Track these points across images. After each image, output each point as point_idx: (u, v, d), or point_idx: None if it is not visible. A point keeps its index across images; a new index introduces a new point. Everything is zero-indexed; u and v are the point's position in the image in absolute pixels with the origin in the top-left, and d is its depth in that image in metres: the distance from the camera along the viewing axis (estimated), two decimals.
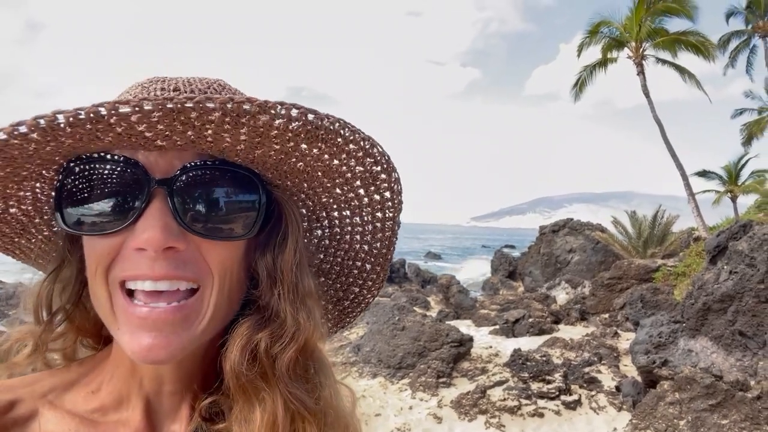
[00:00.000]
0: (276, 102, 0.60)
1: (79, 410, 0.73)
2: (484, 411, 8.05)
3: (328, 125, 0.64)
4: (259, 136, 0.63)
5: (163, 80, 0.74)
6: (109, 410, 0.74)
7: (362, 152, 0.70)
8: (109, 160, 0.66)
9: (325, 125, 0.64)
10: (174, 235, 0.65)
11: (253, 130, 0.61)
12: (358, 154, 0.70)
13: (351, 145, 0.68)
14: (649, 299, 11.23)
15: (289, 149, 0.66)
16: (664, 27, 22.15)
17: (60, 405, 0.73)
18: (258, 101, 0.59)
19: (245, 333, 0.72)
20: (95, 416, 0.73)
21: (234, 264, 0.73)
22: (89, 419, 0.73)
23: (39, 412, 0.71)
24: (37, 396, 0.72)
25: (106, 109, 0.55)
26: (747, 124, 34.67)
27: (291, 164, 0.70)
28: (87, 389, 0.76)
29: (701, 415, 6.74)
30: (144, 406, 0.75)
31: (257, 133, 0.62)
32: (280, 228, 0.77)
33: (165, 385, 0.76)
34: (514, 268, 26.20)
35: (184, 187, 0.67)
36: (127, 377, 0.75)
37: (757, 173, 28.34)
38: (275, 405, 0.71)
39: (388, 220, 0.82)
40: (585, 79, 23.92)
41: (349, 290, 0.94)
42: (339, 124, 0.65)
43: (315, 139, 0.65)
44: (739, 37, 32.25)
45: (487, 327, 13.69)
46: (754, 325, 6.76)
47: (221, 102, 0.57)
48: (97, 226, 0.67)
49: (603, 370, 9.57)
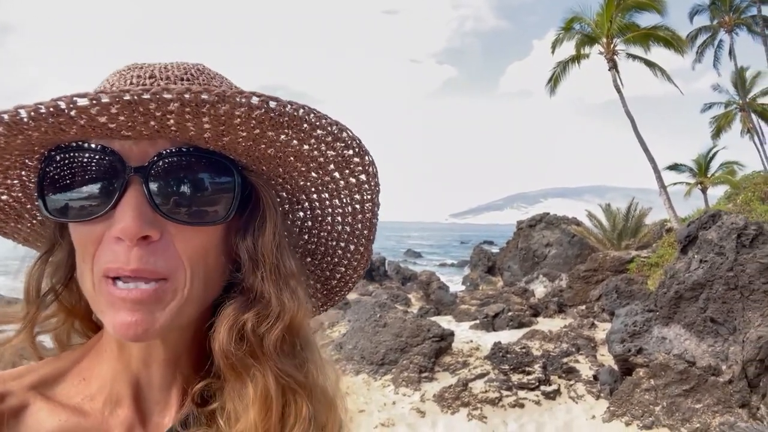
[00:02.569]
0: (235, 91, 0.61)
1: (70, 400, 0.74)
2: (466, 403, 8.15)
3: (292, 111, 0.65)
4: (222, 125, 0.63)
5: (140, 67, 0.75)
6: (98, 397, 0.75)
7: (331, 137, 0.70)
8: (87, 149, 0.67)
9: (288, 112, 0.65)
10: (148, 223, 0.66)
11: (215, 119, 0.62)
12: (327, 139, 0.70)
13: (318, 130, 0.69)
14: (623, 290, 11.48)
15: (256, 136, 0.67)
16: (635, 22, 22.50)
17: (51, 396, 0.73)
18: (216, 90, 0.59)
19: (231, 314, 0.74)
20: (86, 405, 0.74)
21: (210, 250, 0.73)
22: (80, 409, 0.73)
23: (29, 404, 0.71)
24: (26, 387, 0.72)
25: (64, 102, 0.57)
26: (715, 117, 35.56)
27: (261, 150, 0.70)
28: (78, 377, 0.77)
29: (676, 400, 6.94)
30: (132, 391, 0.76)
31: (220, 121, 0.63)
32: (259, 212, 0.77)
33: (153, 368, 0.77)
34: (493, 264, 26.45)
35: (158, 175, 0.67)
36: (114, 360, 0.76)
37: (726, 165, 29.06)
38: (266, 379, 0.73)
39: (367, 202, 0.83)
40: (559, 75, 24.13)
41: (336, 270, 0.95)
42: (303, 111, 0.66)
43: (280, 126, 0.66)
44: (706, 32, 32.99)
45: (467, 322, 13.79)
46: (725, 312, 6.97)
47: (178, 92, 0.58)
48: (77, 213, 0.68)
49: (581, 360, 9.75)
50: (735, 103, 34.97)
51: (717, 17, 32.09)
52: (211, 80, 0.77)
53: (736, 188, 23.55)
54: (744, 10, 31.65)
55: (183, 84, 0.70)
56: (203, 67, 0.79)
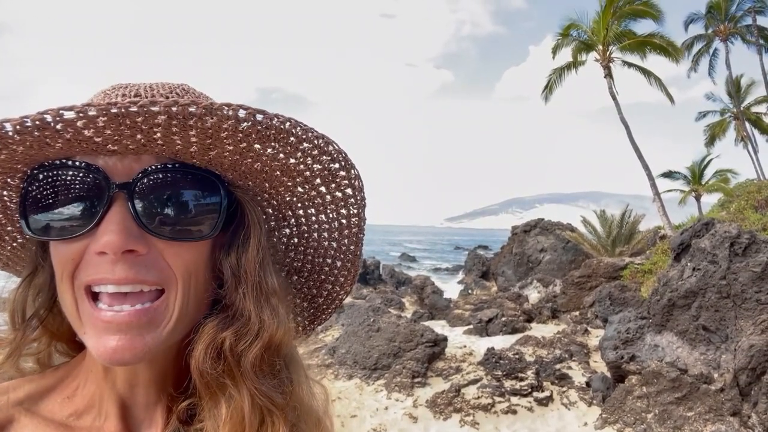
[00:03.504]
0: (222, 104, 0.60)
1: (55, 417, 0.73)
2: (458, 409, 8.15)
3: (278, 125, 0.65)
4: (209, 138, 0.63)
5: (125, 86, 0.75)
6: (85, 416, 0.74)
7: (317, 150, 0.70)
8: (71, 166, 0.66)
9: (275, 125, 0.64)
10: (134, 237, 0.65)
11: (202, 132, 0.62)
12: (313, 152, 0.70)
13: (305, 143, 0.68)
14: (617, 296, 11.50)
15: (243, 149, 0.66)
16: (631, 29, 22.61)
17: (36, 412, 0.72)
18: (203, 103, 0.59)
19: (210, 332, 0.73)
20: (71, 422, 0.73)
21: (198, 265, 0.73)
22: (65, 425, 0.72)
23: (15, 420, 0.70)
24: (12, 403, 0.72)
25: (51, 115, 0.56)
26: (710, 126, 35.77)
27: (248, 164, 0.70)
28: (63, 395, 0.76)
29: (668, 407, 6.95)
30: (119, 410, 0.75)
31: (206, 135, 0.62)
32: (244, 228, 0.77)
33: (139, 388, 0.76)
34: (488, 269, 26.49)
35: (143, 191, 0.67)
36: (100, 381, 0.75)
37: (720, 173, 29.18)
38: (242, 400, 0.72)
39: (353, 216, 0.82)
40: (554, 83, 24.21)
41: (322, 287, 0.94)
42: (290, 123, 0.66)
43: (267, 139, 0.65)
44: (701, 41, 33.22)
45: (461, 327, 13.82)
46: (717, 320, 6.99)
47: (165, 105, 0.58)
48: (61, 232, 0.67)
49: (574, 366, 9.77)
50: (729, 112, 35.20)
51: (712, 26, 32.31)
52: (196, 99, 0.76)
53: (730, 196, 23.66)
54: (739, 19, 31.90)
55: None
56: (188, 86, 0.79)
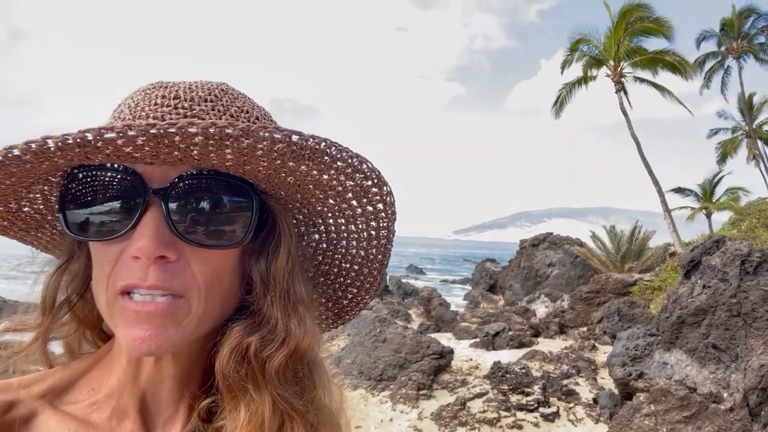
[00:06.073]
0: (259, 126, 0.61)
1: (78, 410, 0.74)
2: (463, 423, 8.08)
3: (314, 145, 0.66)
4: (244, 156, 0.64)
5: (165, 86, 0.76)
6: (107, 409, 0.75)
7: (351, 168, 0.71)
8: (110, 169, 0.68)
9: (311, 145, 0.65)
10: (166, 243, 0.67)
11: (238, 151, 0.63)
12: (347, 171, 0.71)
13: (339, 162, 0.69)
14: (625, 313, 11.40)
15: (277, 166, 0.67)
16: (642, 46, 22.60)
17: (59, 405, 0.74)
18: (240, 126, 0.60)
19: (236, 336, 0.74)
20: (93, 416, 0.74)
21: (224, 272, 0.74)
22: (88, 420, 0.73)
23: (38, 413, 0.72)
24: (35, 397, 0.73)
25: (92, 135, 0.58)
26: (721, 143, 35.58)
27: (281, 178, 0.71)
28: (87, 387, 0.77)
29: (676, 426, 6.86)
30: (140, 405, 0.76)
31: (242, 153, 0.64)
32: (274, 235, 0.78)
33: (163, 384, 0.77)
34: (495, 282, 26.39)
35: (178, 197, 0.69)
36: (123, 374, 0.76)
37: (731, 190, 28.97)
38: (263, 404, 0.73)
39: (383, 229, 0.84)
40: (565, 98, 24.22)
41: (348, 291, 0.96)
42: (325, 144, 0.66)
43: (301, 158, 0.67)
44: (714, 58, 33.16)
45: (467, 340, 13.75)
46: (727, 339, 6.91)
47: (203, 127, 0.59)
48: (97, 232, 0.70)
49: (581, 382, 9.68)
50: (741, 129, 35.00)
51: (725, 43, 32.25)
52: (234, 101, 0.78)
53: (740, 215, 23.46)
54: (753, 37, 31.84)
55: (207, 105, 0.73)
56: (227, 86, 0.80)
